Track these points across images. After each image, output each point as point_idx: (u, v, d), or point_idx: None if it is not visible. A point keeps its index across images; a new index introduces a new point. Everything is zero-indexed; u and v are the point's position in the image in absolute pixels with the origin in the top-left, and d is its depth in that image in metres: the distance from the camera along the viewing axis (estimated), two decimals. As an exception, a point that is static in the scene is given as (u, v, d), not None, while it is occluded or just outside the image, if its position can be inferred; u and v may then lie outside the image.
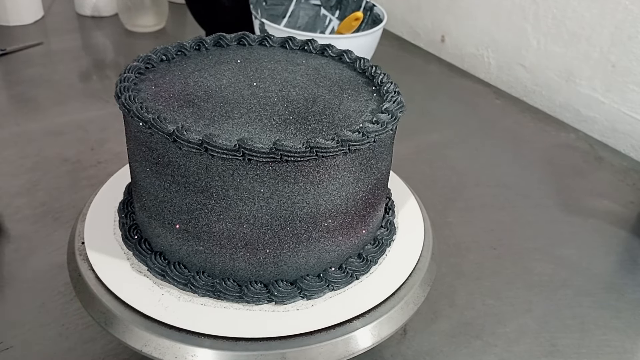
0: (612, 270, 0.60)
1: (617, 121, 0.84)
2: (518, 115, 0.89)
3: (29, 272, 0.53)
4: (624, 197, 0.71)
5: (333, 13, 0.90)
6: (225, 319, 0.38)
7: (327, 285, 0.41)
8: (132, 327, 0.38)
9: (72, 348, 0.46)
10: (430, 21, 1.10)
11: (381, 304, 0.41)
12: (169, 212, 0.40)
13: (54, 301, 0.50)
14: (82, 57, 0.97)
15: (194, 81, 0.43)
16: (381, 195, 0.45)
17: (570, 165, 0.78)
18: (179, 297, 0.40)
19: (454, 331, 0.51)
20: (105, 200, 0.47)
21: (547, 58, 0.92)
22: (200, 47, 0.48)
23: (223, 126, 0.38)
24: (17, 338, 0.47)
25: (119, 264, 0.42)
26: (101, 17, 1.11)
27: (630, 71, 0.81)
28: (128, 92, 0.39)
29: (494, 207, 0.68)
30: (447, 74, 1.02)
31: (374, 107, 0.42)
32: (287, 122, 0.39)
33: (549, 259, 0.61)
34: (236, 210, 0.37)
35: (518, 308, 0.54)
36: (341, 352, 0.38)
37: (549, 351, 0.50)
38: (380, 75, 0.46)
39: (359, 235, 0.43)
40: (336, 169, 0.38)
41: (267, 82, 0.44)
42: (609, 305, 0.55)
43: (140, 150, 0.39)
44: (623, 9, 0.80)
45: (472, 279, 0.57)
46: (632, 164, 0.79)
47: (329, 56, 0.49)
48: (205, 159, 0.36)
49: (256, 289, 0.40)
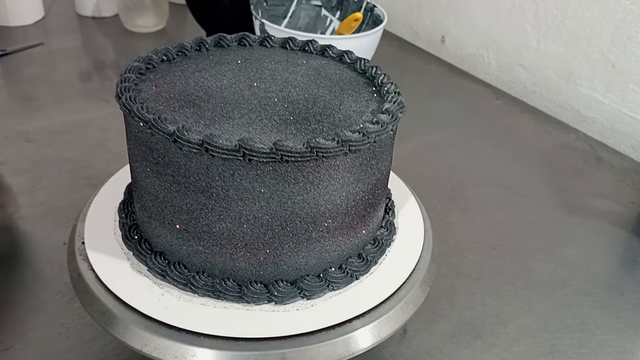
0: (612, 270, 0.60)
1: (617, 121, 0.84)
2: (518, 115, 0.89)
3: (29, 272, 0.53)
4: (624, 197, 0.71)
5: (334, 14, 0.90)
6: (225, 319, 0.38)
7: (327, 285, 0.41)
8: (132, 327, 0.38)
9: (72, 348, 0.46)
10: (430, 21, 1.10)
11: (381, 304, 0.41)
12: (169, 212, 0.40)
13: (54, 301, 0.50)
14: (82, 57, 0.97)
15: (194, 81, 0.43)
16: (381, 195, 0.45)
17: (570, 165, 0.78)
18: (178, 297, 0.40)
19: (454, 331, 0.51)
20: (106, 200, 0.47)
21: (547, 58, 0.92)
22: (200, 47, 0.48)
23: (223, 126, 0.38)
24: (17, 338, 0.47)
25: (119, 264, 0.42)
26: (101, 17, 1.11)
27: (630, 71, 0.81)
28: (129, 92, 0.40)
29: (494, 207, 0.68)
30: (447, 74, 1.02)
31: (374, 107, 0.42)
32: (287, 122, 0.39)
33: (549, 259, 0.61)
34: (236, 210, 0.38)
35: (518, 308, 0.54)
36: (341, 352, 0.38)
37: (549, 351, 0.50)
38: (381, 76, 0.46)
39: (359, 236, 0.43)
40: (336, 169, 0.38)
41: (267, 82, 0.44)
42: (609, 305, 0.55)
43: (140, 150, 0.39)
44: (623, 9, 0.80)
45: (472, 279, 0.57)
46: (632, 164, 0.79)
47: (330, 57, 0.49)
48: (206, 159, 0.36)
49: (256, 289, 0.40)
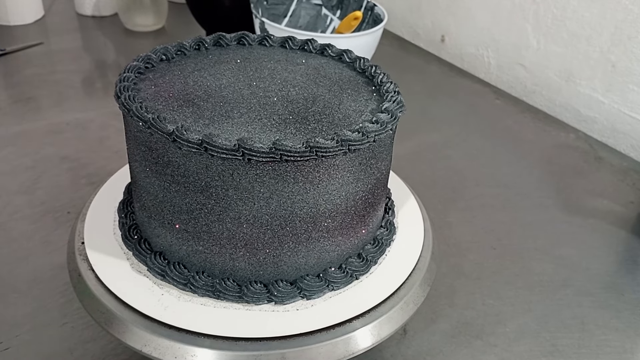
0: (612, 270, 0.60)
1: (617, 121, 0.84)
2: (518, 115, 0.89)
3: (29, 272, 0.53)
4: (624, 197, 0.71)
5: (334, 13, 0.90)
6: (225, 319, 0.38)
7: (327, 285, 0.41)
8: (132, 327, 0.38)
9: (72, 348, 0.46)
10: (430, 21, 1.10)
11: (381, 304, 0.41)
12: (169, 212, 0.40)
13: (54, 301, 0.50)
14: (82, 57, 0.97)
15: (193, 81, 0.43)
16: (381, 195, 0.45)
17: (570, 165, 0.78)
18: (178, 297, 0.40)
19: (454, 331, 0.51)
20: (105, 200, 0.47)
21: (547, 58, 0.92)
22: (200, 46, 0.48)
23: (223, 126, 0.38)
24: (17, 338, 0.47)
25: (119, 264, 0.42)
26: (101, 16, 1.11)
27: (630, 71, 0.81)
28: (128, 91, 0.39)
29: (494, 207, 0.68)
30: (447, 73, 1.02)
31: (373, 106, 0.42)
32: (286, 121, 0.39)
33: (549, 259, 0.61)
34: (236, 210, 0.37)
35: (518, 308, 0.54)
36: (341, 352, 0.38)
37: (549, 351, 0.50)
38: (380, 75, 0.46)
39: (359, 235, 0.43)
40: (336, 168, 0.38)
41: (266, 81, 0.44)
42: (609, 305, 0.55)
43: (140, 150, 0.39)
44: (623, 9, 0.80)
45: (472, 279, 0.57)
46: (632, 164, 0.79)
47: (329, 56, 0.49)
48: (205, 159, 0.36)
49: (256, 289, 0.40)
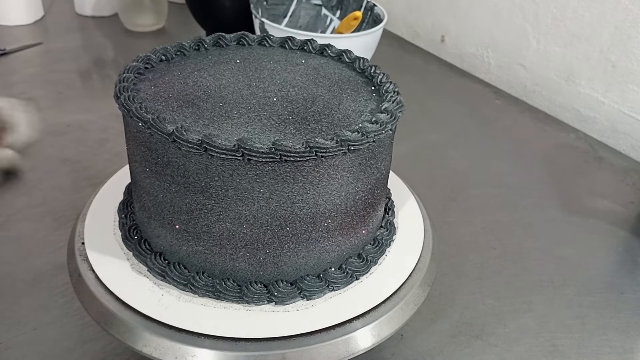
0: (612, 270, 0.60)
1: (617, 121, 0.84)
2: (518, 115, 0.89)
3: (29, 272, 0.53)
4: (624, 197, 0.71)
5: (334, 13, 0.90)
6: (225, 319, 0.38)
7: (327, 286, 0.41)
8: (132, 327, 0.38)
9: (72, 348, 0.46)
10: (430, 21, 1.10)
11: (381, 304, 0.41)
12: (169, 212, 0.40)
13: (54, 301, 0.50)
14: (82, 57, 0.96)
15: (193, 81, 0.43)
16: (381, 195, 0.45)
17: (570, 165, 0.78)
18: (179, 297, 0.40)
19: (454, 331, 0.51)
20: (105, 201, 0.47)
21: (547, 58, 0.92)
22: (199, 47, 0.48)
23: (222, 126, 0.38)
24: (17, 338, 0.47)
25: (119, 264, 0.42)
26: (101, 17, 1.11)
27: (630, 71, 0.81)
28: (127, 92, 0.39)
29: (494, 207, 0.68)
30: (447, 73, 1.02)
31: (373, 106, 0.42)
32: (286, 122, 0.39)
33: (549, 259, 0.61)
34: (236, 210, 0.37)
35: (518, 308, 0.54)
36: (341, 352, 0.38)
37: (549, 351, 0.50)
38: (380, 75, 0.46)
39: (359, 236, 0.43)
40: (335, 169, 0.38)
41: (266, 82, 0.44)
42: (609, 305, 0.55)
43: (139, 150, 0.39)
44: (623, 9, 0.80)
45: (472, 279, 0.57)
46: (632, 164, 0.79)
47: (329, 56, 0.49)
48: (205, 159, 0.36)
49: (256, 289, 0.40)
